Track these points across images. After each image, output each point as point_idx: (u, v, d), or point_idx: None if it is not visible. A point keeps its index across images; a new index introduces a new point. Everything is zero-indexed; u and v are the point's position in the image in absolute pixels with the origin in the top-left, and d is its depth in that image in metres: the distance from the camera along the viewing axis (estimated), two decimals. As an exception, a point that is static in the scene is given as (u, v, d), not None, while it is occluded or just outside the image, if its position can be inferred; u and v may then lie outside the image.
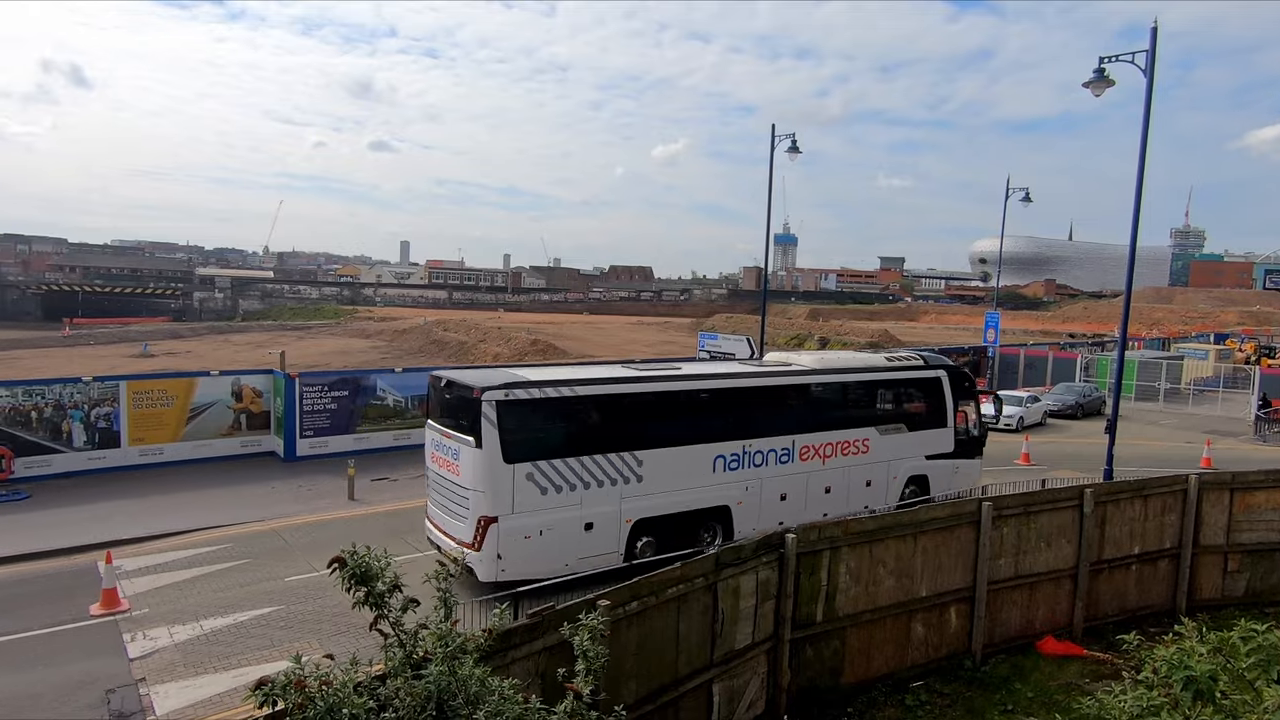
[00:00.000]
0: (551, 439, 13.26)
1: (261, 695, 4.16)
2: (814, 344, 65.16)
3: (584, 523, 13.28)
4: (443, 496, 13.77)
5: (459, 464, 13.07)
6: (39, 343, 65.73)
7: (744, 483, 14.97)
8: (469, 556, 12.66)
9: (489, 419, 12.45)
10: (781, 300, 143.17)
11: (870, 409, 17.02)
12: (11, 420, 19.50)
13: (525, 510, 12.76)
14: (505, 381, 12.92)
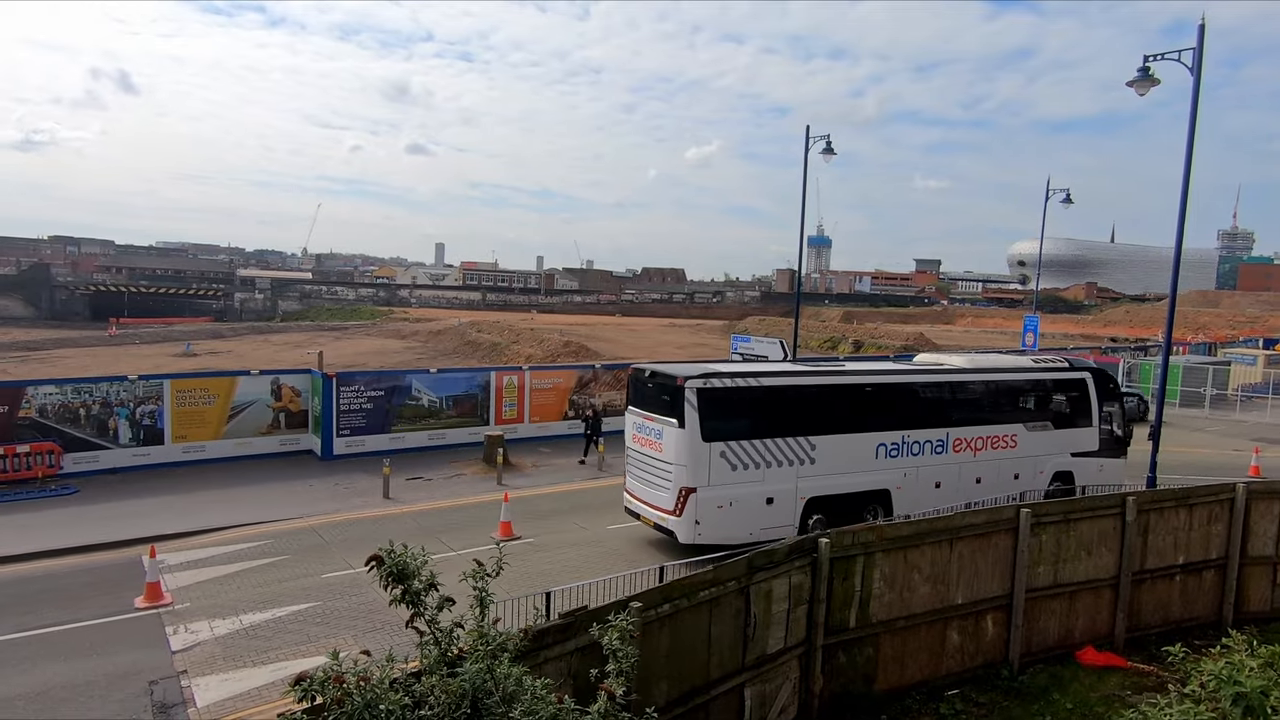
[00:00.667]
0: (740, 423, 15.05)
1: (301, 690, 4.24)
2: (847, 347, 64.58)
3: (766, 497, 15.09)
4: (644, 471, 15.81)
5: (662, 443, 15.14)
6: (86, 342, 67.53)
7: (902, 469, 16.48)
8: (670, 521, 14.89)
9: (691, 404, 14.47)
10: (815, 303, 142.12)
11: (1018, 407, 18.00)
12: (61, 417, 20.07)
13: (719, 483, 14.69)
14: (703, 373, 14.94)
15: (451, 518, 17.95)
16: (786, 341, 28.44)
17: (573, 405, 27.19)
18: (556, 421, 26.76)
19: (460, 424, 24.95)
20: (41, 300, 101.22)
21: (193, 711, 10.08)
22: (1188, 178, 16.54)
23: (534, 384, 26.55)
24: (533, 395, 26.39)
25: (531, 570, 14.28)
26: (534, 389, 26.46)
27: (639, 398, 16.11)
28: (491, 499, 18.68)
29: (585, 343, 58.32)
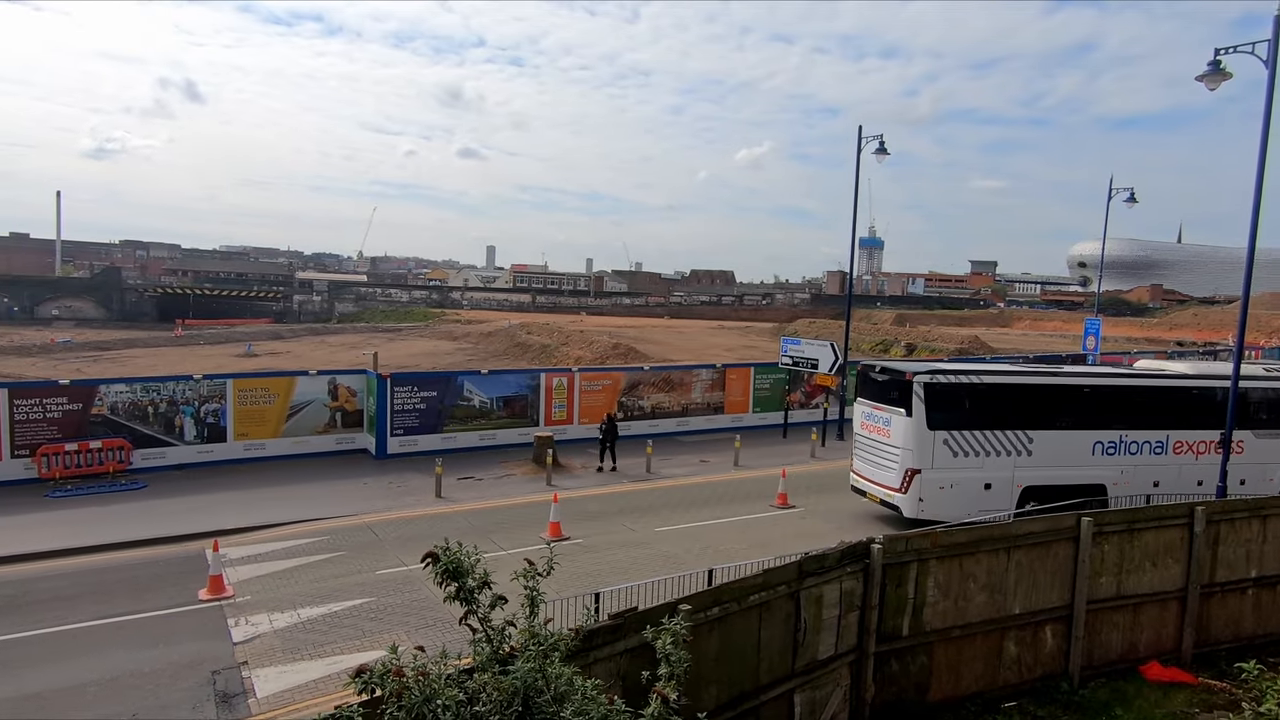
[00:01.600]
0: (962, 415, 16.80)
1: (361, 682, 4.34)
2: (900, 350, 63.51)
3: (984, 483, 16.78)
4: (871, 455, 17.90)
5: (890, 429, 17.17)
6: (153, 342, 70.07)
7: (1119, 466, 17.47)
8: (895, 498, 16.96)
9: (918, 396, 16.45)
10: (866, 305, 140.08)
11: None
12: (131, 415, 20.87)
13: (941, 467, 16.60)
14: (930, 369, 17.05)
15: (501, 517, 18.16)
16: (837, 344, 28.11)
17: (621, 407, 27.28)
18: (605, 423, 26.84)
19: (510, 425, 25.23)
20: (113, 302, 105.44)
21: (253, 702, 10.38)
22: (1261, 175, 15.88)
23: (583, 385, 26.71)
24: (582, 397, 26.55)
25: (580, 571, 14.36)
26: (583, 390, 26.62)
27: (868, 390, 18.18)
28: (541, 499, 18.85)
29: (634, 345, 58.44)
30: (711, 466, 23.86)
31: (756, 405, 29.93)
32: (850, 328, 32.86)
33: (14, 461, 19.43)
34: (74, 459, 19.91)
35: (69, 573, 14.49)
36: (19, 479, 19.31)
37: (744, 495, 20.48)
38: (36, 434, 19.68)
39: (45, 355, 57.77)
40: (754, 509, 19.32)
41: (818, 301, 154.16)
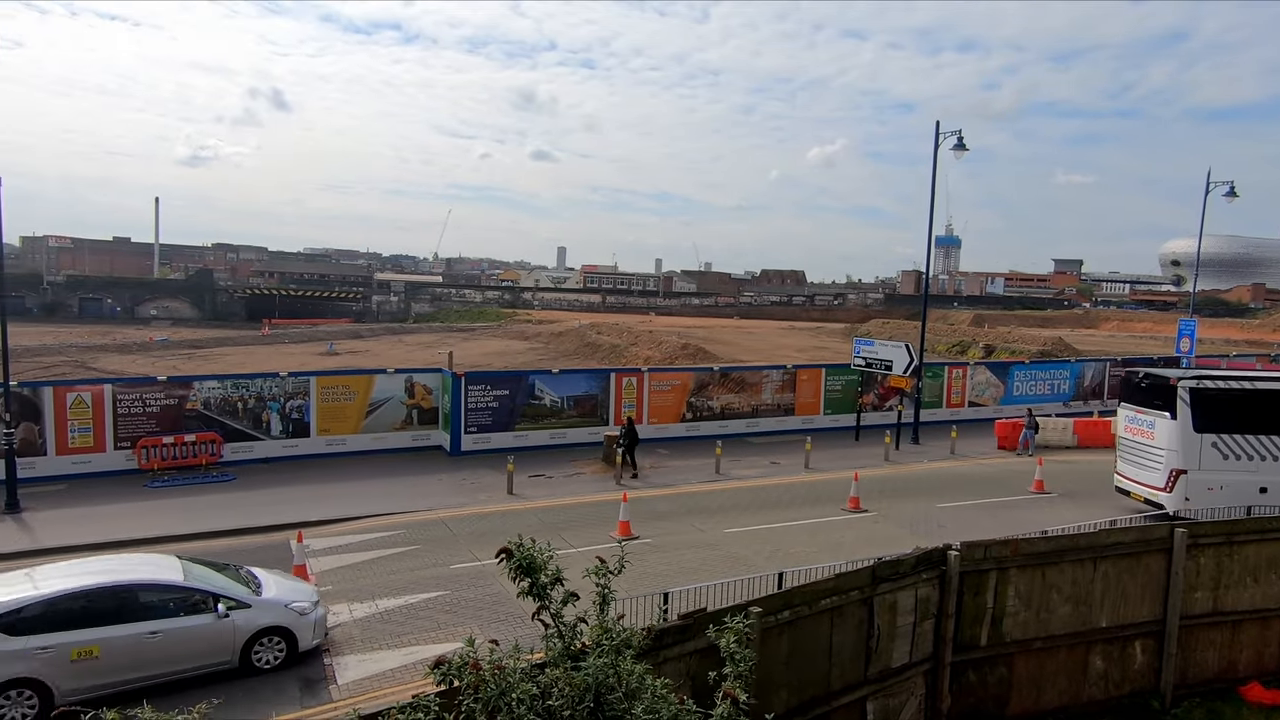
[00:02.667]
0: (1232, 419, 17.27)
1: (440, 673, 4.45)
2: (978, 351, 61.62)
3: (1259, 486, 17.11)
4: (1135, 456, 18.58)
5: (1154, 432, 17.87)
6: (242, 340, 73.32)
7: None
8: (1160, 496, 17.61)
9: (1183, 400, 17.15)
10: (943, 305, 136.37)
11: None
12: (222, 410, 21.88)
13: (1209, 469, 17.19)
14: (1196, 375, 17.83)
15: (571, 515, 18.36)
16: (913, 345, 27.45)
17: (690, 407, 27.25)
18: (675, 423, 26.91)
19: (580, 424, 25.48)
20: (205, 302, 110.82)
21: (334, 688, 10.76)
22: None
23: (652, 386, 26.77)
24: (651, 397, 26.62)
25: (649, 570, 14.40)
26: (652, 390, 26.68)
27: (1132, 395, 18.77)
28: (610, 498, 18.97)
29: (703, 345, 58.31)
30: (781, 468, 23.61)
31: (828, 407, 29.48)
32: (926, 328, 32.08)
33: (117, 453, 20.60)
34: (170, 451, 20.99)
35: (165, 559, 15.26)
36: (121, 469, 20.46)
37: (815, 498, 20.19)
38: (136, 427, 20.83)
39: (144, 353, 61.10)
40: (825, 512, 19.04)
41: (891, 302, 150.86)
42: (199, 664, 10.76)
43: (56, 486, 19.31)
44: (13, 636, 9.73)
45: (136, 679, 10.30)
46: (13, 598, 10.04)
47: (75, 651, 9.95)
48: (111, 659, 10.17)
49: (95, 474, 20.14)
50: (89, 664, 10.03)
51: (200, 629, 10.74)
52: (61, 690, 9.86)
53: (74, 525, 16.80)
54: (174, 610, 10.72)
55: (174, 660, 10.60)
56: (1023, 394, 33.67)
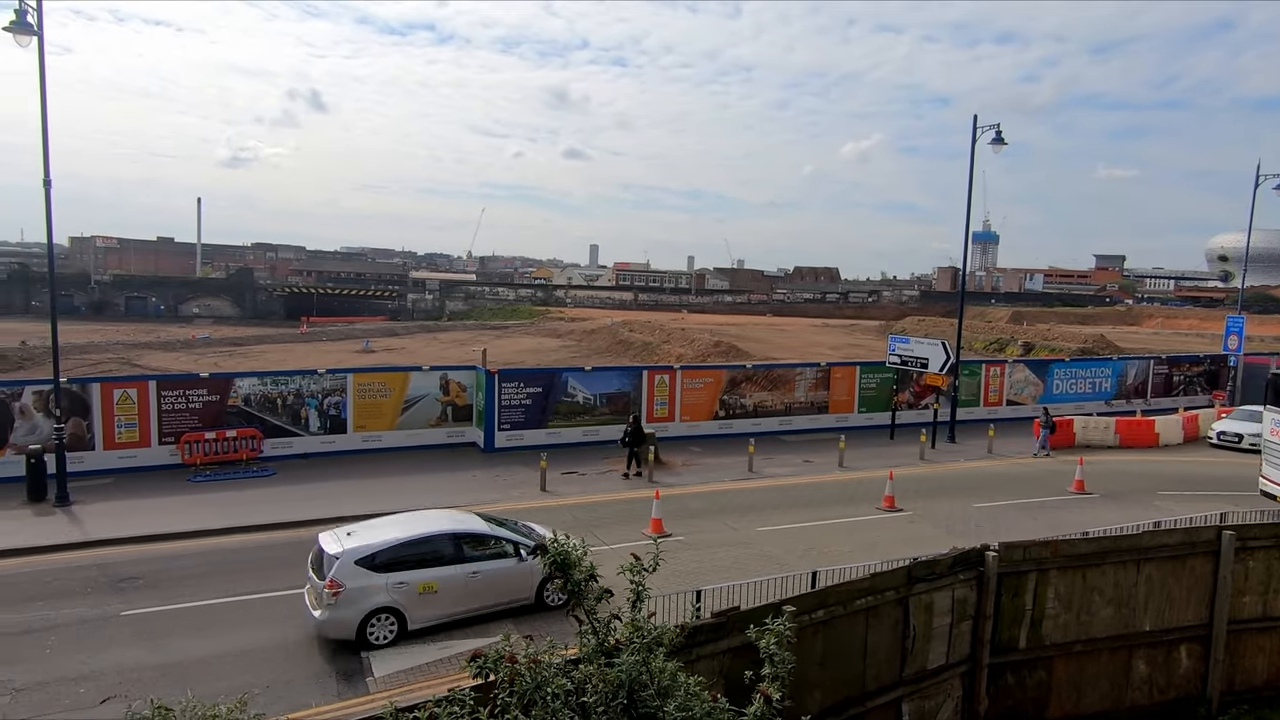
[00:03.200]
0: None
1: (476, 667, 4.50)
2: (1016, 349, 60.56)
3: None
4: None
5: None
6: (281, 338, 74.61)
7: None
8: None
9: None
10: (980, 302, 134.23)
11: None
12: (261, 406, 22.30)
13: None
14: None
15: (604, 512, 18.40)
16: (949, 342, 27.06)
17: (723, 405, 27.17)
18: (707, 421, 26.85)
19: (613, 421, 25.51)
20: (245, 301, 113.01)
21: (370, 681, 10.92)
22: None
23: (685, 383, 26.74)
24: (683, 394, 26.58)
25: (681, 568, 14.39)
26: (685, 388, 26.65)
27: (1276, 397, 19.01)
28: (642, 495, 18.99)
29: (735, 343, 58.06)
30: (815, 467, 23.44)
31: (862, 405, 29.19)
32: (963, 325, 31.60)
33: (161, 448, 21.10)
34: (212, 446, 21.44)
35: (206, 552, 15.62)
36: (165, 464, 20.95)
37: (849, 497, 20.02)
38: (180, 423, 21.30)
39: (187, 350, 62.46)
40: (859, 511, 18.86)
41: (927, 299, 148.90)
42: (507, 600, 12.85)
43: (104, 480, 19.83)
44: (379, 574, 11.96)
45: (462, 611, 12.50)
46: (375, 543, 12.19)
47: (421, 586, 12.16)
48: (446, 593, 12.36)
49: (140, 468, 20.65)
50: (430, 597, 12.24)
51: (507, 571, 12.85)
52: (413, 618, 12.11)
53: (121, 518, 17.24)
54: (488, 555, 12.88)
55: (489, 596, 12.71)
56: (1062, 392, 33.05)
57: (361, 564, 11.89)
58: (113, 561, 14.98)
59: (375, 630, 11.85)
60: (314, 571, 12.13)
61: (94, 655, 11.42)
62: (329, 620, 11.68)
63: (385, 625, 11.94)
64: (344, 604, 11.64)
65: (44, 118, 17.19)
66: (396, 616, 12.01)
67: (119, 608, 12.98)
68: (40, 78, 17.08)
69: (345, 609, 11.65)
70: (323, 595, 11.65)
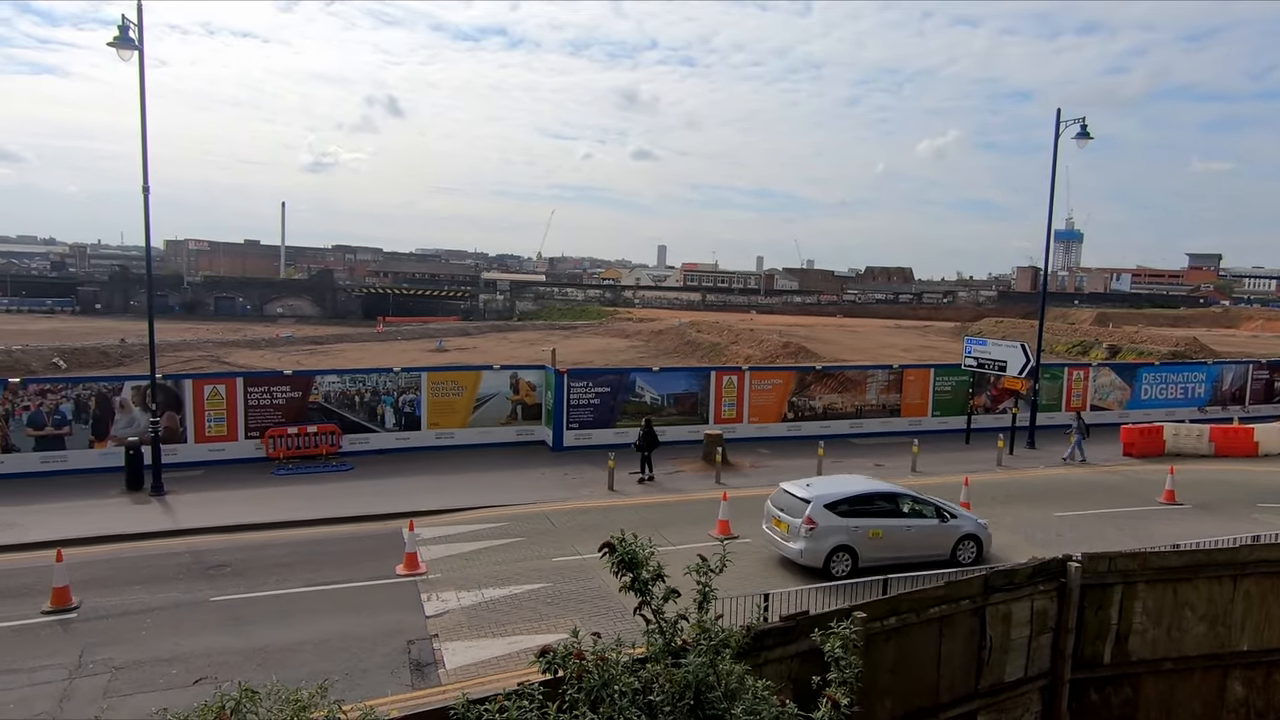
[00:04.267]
0: None
1: (545, 662, 4.55)
2: (1101, 352, 58.10)
3: None
4: None
5: None
6: (359, 337, 77.07)
7: None
8: None
9: None
10: (1062, 303, 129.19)
11: None
12: (340, 403, 23.07)
13: None
14: None
15: (671, 512, 18.41)
16: (1029, 345, 26.14)
17: (792, 407, 26.86)
18: (775, 423, 26.59)
19: (680, 421, 25.52)
20: (325, 301, 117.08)
21: (442, 672, 11.17)
22: None
23: (753, 385, 26.54)
24: (752, 396, 26.39)
25: (748, 571, 14.30)
26: (753, 389, 26.45)
27: None
28: (709, 497, 18.93)
29: (804, 344, 57.34)
30: (886, 471, 22.94)
31: (936, 408, 28.46)
32: (1044, 327, 30.48)
33: (247, 442, 22.05)
34: (294, 441, 22.28)
35: (289, 542, 16.25)
36: (250, 458, 21.88)
37: (922, 502, 19.52)
38: (264, 418, 22.21)
39: (271, 348, 65.08)
40: (932, 517, 18.37)
41: (1005, 299, 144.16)
42: (927, 554, 14.84)
43: (195, 472, 20.83)
44: (840, 518, 14.58)
45: (894, 558, 14.57)
46: (837, 492, 15.06)
47: (871, 532, 14.70)
48: (887, 540, 14.77)
49: (228, 461, 21.62)
50: (876, 541, 14.69)
51: (932, 529, 15.17)
52: (863, 557, 14.52)
53: (211, 508, 18.09)
54: (916, 514, 15.24)
55: (916, 548, 14.89)
56: (1152, 398, 31.56)
57: (829, 508, 14.54)
58: (203, 549, 15.73)
59: (835, 565, 14.33)
60: (779, 510, 15.02)
61: (185, 638, 12.01)
62: (806, 550, 14.37)
63: (842, 561, 14.42)
64: (816, 537, 14.33)
65: (143, 128, 18.16)
66: (851, 554, 14.49)
67: (209, 593, 13.62)
68: (140, 90, 18.05)
69: (817, 541, 14.33)
70: (799, 529, 14.37)
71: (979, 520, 15.85)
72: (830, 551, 14.33)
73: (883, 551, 14.64)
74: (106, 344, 58.77)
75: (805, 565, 14.40)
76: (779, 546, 14.99)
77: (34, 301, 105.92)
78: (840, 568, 14.30)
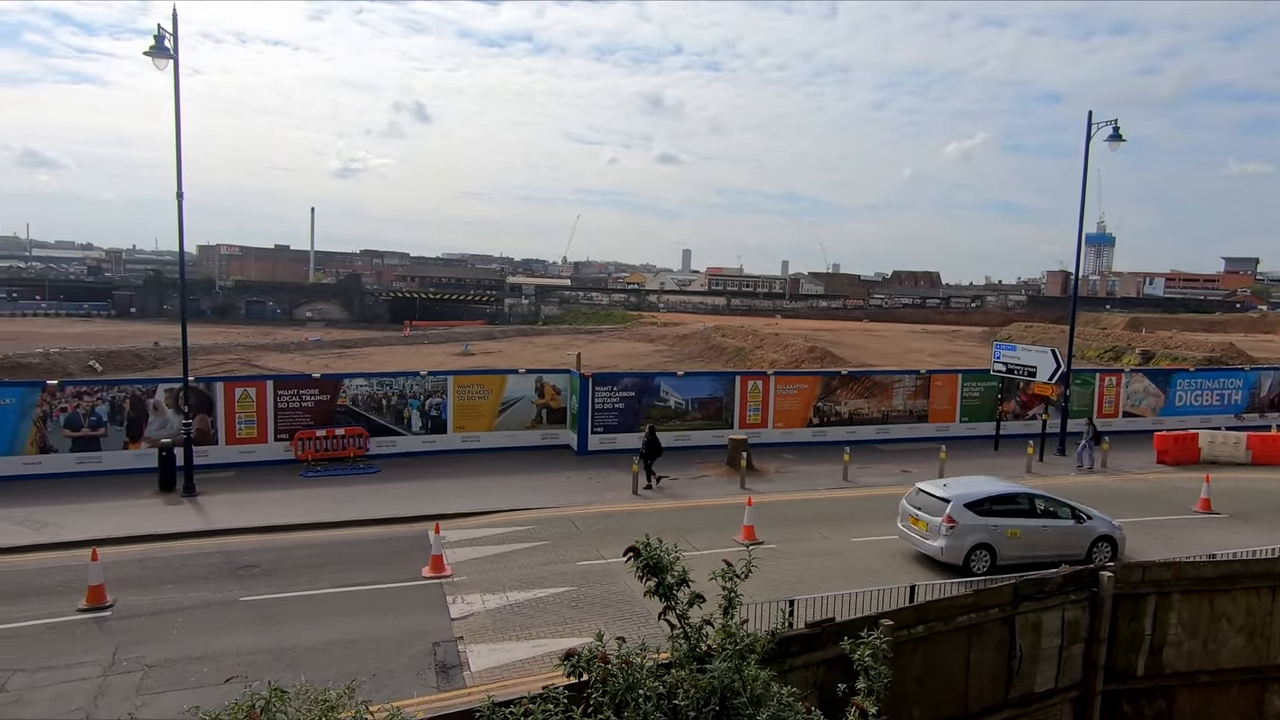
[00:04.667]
0: None
1: (570, 665, 4.56)
2: (1134, 358, 57.12)
3: None
4: None
5: None
6: (386, 341, 77.76)
7: None
8: None
9: None
10: (1094, 308, 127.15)
11: None
12: (368, 406, 23.30)
13: None
14: None
15: (695, 517, 18.36)
16: (1060, 350, 25.77)
17: (817, 412, 26.69)
18: (801, 428, 26.44)
19: (705, 426, 25.46)
20: (353, 305, 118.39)
21: (467, 674, 11.23)
22: None
23: (778, 389, 26.41)
24: (777, 400, 26.26)
25: (773, 576, 14.19)
26: (778, 394, 26.32)
27: None
28: (734, 502, 18.85)
29: (830, 349, 56.97)
30: (913, 477, 22.66)
31: (964, 414, 28.14)
32: (1075, 332, 30.03)
33: (276, 444, 22.34)
34: (322, 444, 22.54)
35: (317, 544, 16.43)
36: (279, 459, 22.16)
37: (949, 509, 19.31)
38: (294, 421, 22.50)
39: (300, 352, 65.91)
40: (960, 524, 18.15)
41: (1035, 304, 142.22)
42: (1062, 554, 14.21)
43: (226, 474, 21.14)
44: (980, 516, 15.07)
45: (1031, 557, 14.62)
46: (976, 492, 15.54)
47: (1009, 531, 15.13)
48: (1024, 540, 15.16)
49: (258, 463, 21.91)
50: (1013, 540, 15.11)
51: (1068, 529, 15.50)
52: (1001, 555, 14.95)
53: (241, 509, 18.35)
54: (1051, 514, 15.63)
55: (1052, 548, 14.93)
56: (1186, 404, 30.95)
57: (969, 506, 15.05)
58: (234, 549, 15.95)
59: (975, 562, 14.83)
60: (916, 508, 15.61)
61: (216, 637, 12.18)
62: (946, 547, 14.95)
63: (981, 559, 14.90)
64: (957, 535, 14.87)
65: (178, 135, 18.50)
66: (989, 552, 14.95)
67: (238, 593, 13.81)
68: (175, 97, 18.40)
69: (958, 539, 14.88)
70: (940, 527, 14.95)
71: (1113, 522, 15.97)
72: (970, 549, 14.90)
73: (1020, 550, 15.02)
74: (141, 347, 59.87)
75: (945, 562, 14.98)
76: (917, 544, 15.57)
77: (71, 305, 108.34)
78: (979, 565, 14.80)
